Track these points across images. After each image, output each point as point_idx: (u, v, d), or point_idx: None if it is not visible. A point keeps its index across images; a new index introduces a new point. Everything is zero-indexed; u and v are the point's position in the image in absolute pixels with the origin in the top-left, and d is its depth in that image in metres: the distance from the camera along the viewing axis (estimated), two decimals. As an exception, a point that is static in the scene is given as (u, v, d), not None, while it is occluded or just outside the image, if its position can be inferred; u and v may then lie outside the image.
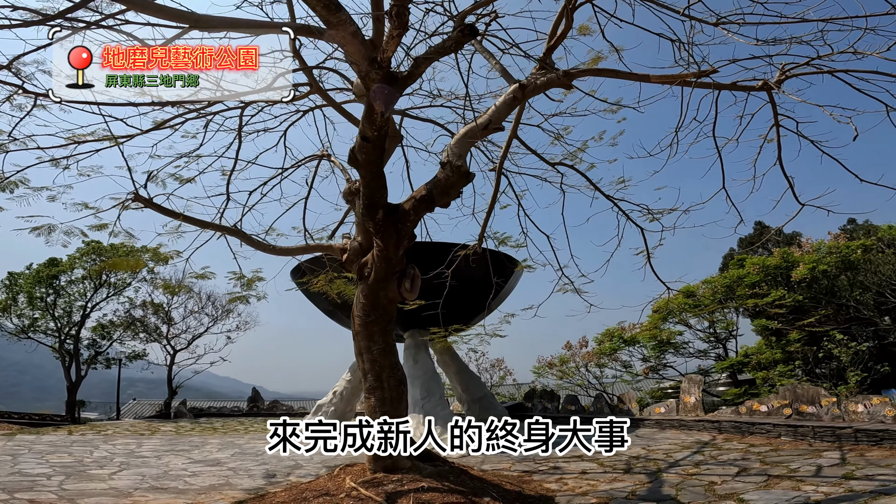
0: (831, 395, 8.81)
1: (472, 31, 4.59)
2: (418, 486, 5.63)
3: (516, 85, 6.02)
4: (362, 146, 4.94)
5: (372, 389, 6.16)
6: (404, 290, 6.16)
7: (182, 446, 11.63)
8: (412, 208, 5.72)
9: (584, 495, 6.23)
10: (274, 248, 6.49)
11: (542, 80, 6.04)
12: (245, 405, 22.08)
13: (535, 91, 6.14)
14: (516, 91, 5.98)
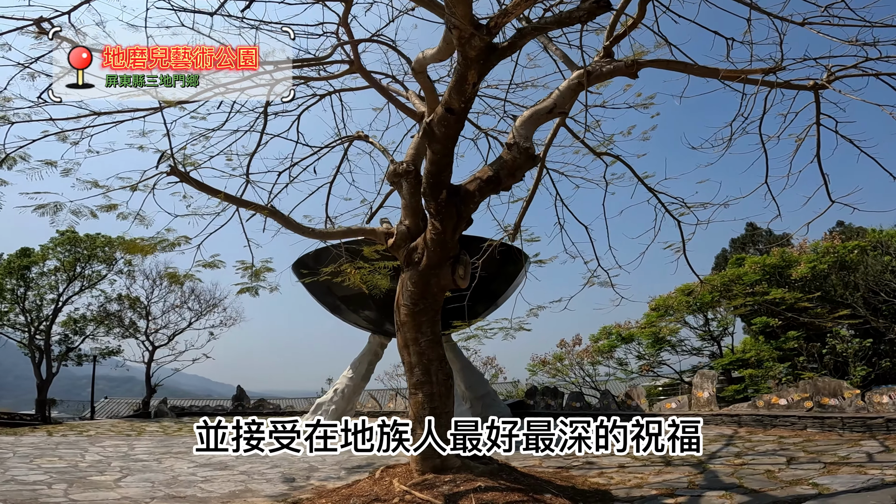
0: (854, 388, 8.88)
1: (606, 4, 4.22)
2: (475, 485, 5.29)
3: (582, 70, 5.78)
4: (444, 118, 4.59)
5: (420, 384, 5.78)
6: (458, 277, 5.80)
7: (178, 448, 10.94)
8: (477, 189, 5.36)
9: (639, 487, 6.03)
10: (313, 232, 6.02)
11: (609, 68, 5.80)
12: (230, 404, 21.21)
13: (600, 78, 5.92)
14: (581, 76, 5.73)
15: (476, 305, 12.73)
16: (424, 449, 5.64)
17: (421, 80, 5.92)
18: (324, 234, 6.15)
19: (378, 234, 6.19)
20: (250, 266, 9.48)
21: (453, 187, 5.39)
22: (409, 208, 6.10)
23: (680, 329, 17.01)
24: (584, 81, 5.81)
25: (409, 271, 5.90)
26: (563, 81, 5.89)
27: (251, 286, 9.67)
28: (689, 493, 5.54)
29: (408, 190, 6.09)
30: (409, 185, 6.11)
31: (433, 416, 5.70)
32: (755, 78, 5.89)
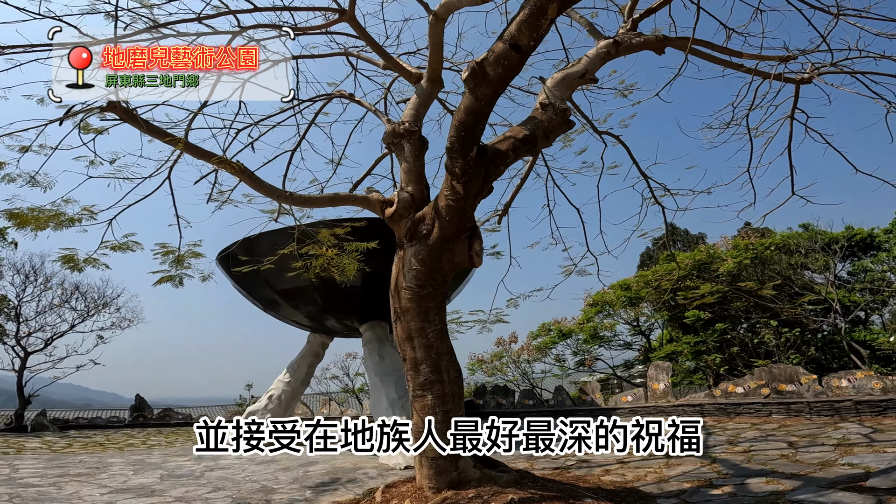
0: (810, 374, 9.22)
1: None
2: (506, 499, 4.45)
3: (611, 40, 5.45)
4: (504, 57, 3.73)
5: (428, 384, 4.84)
6: (474, 254, 4.91)
7: (77, 469, 8.89)
8: (511, 149, 4.55)
9: (664, 482, 5.65)
10: (292, 196, 4.81)
11: (638, 41, 5.61)
12: (127, 414, 18.30)
13: (629, 49, 5.67)
14: (610, 46, 5.41)
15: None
16: (440, 462, 4.69)
17: (435, 31, 5.02)
18: (305, 199, 4.96)
19: (372, 203, 5.12)
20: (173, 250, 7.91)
21: (482, 146, 4.51)
22: (412, 173, 5.12)
23: (618, 324, 17.36)
24: (613, 51, 5.45)
25: (415, 246, 4.91)
26: (592, 49, 5.47)
27: (173, 275, 8.08)
28: (728, 482, 5.30)
29: (411, 152, 5.15)
30: (411, 146, 5.18)
31: (448, 422, 4.77)
32: (757, 69, 6.00)
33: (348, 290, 10.45)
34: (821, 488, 4.65)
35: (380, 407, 9.56)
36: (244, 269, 8.35)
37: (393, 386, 9.75)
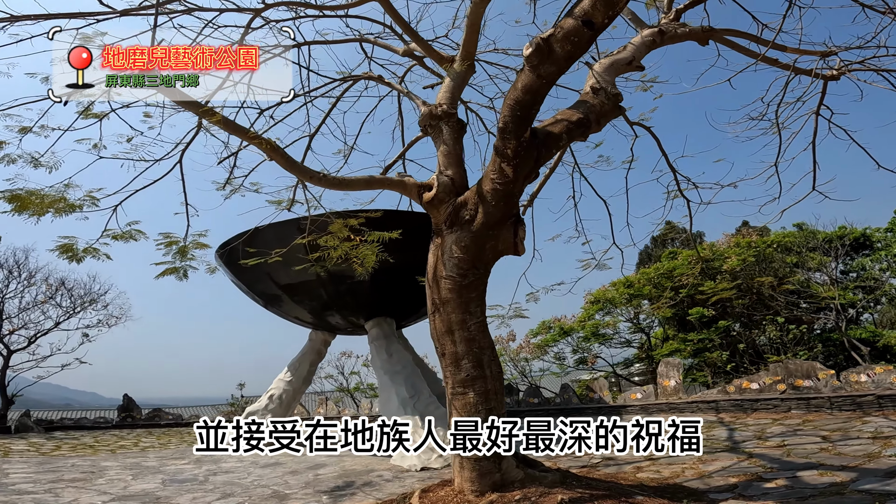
0: (828, 369, 9.14)
1: None
2: (556, 500, 4.18)
3: (655, 29, 5.33)
4: (575, 33, 3.49)
5: (470, 380, 4.53)
6: (519, 242, 4.63)
7: (70, 473, 8.39)
8: (565, 132, 4.34)
9: (707, 477, 5.49)
10: (325, 178, 4.46)
11: (683, 31, 5.50)
12: (114, 415, 17.63)
13: (673, 39, 5.60)
14: (655, 35, 5.30)
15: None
16: (483, 463, 4.39)
17: (476, 11, 4.77)
18: (339, 181, 4.62)
19: (408, 187, 4.80)
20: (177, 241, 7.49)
21: (532, 129, 4.26)
22: (451, 155, 4.84)
23: (620, 322, 17.25)
24: (658, 40, 5.30)
25: (456, 233, 4.61)
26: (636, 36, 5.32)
27: (177, 266, 7.66)
28: (776, 475, 5.18)
29: (450, 135, 4.90)
30: (450, 129, 4.92)
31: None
32: (795, 66, 5.95)
33: (355, 285, 10.09)
34: (880, 478, 4.50)
35: (390, 407, 9.22)
36: (250, 262, 7.96)
37: (403, 384, 9.42)
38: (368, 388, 20.33)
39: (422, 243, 6.91)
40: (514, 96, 4.02)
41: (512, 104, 4.04)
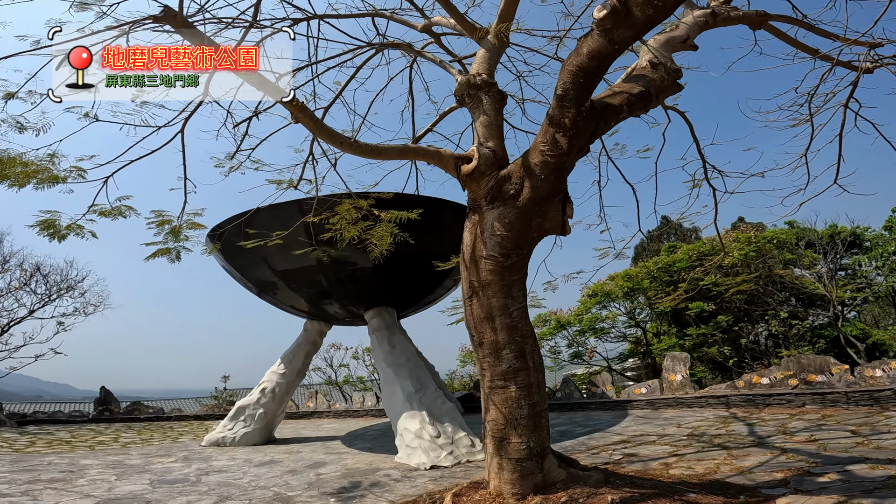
0: (841, 364, 8.98)
1: None
2: (607, 501, 3.79)
3: (709, 10, 5.11)
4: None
5: (513, 372, 4.11)
6: (567, 218, 4.21)
7: (48, 473, 7.74)
8: (625, 104, 4.03)
9: (749, 472, 5.18)
10: (357, 145, 3.96)
11: (737, 14, 5.31)
12: (91, 408, 16.77)
13: (726, 22, 5.40)
14: (708, 16, 5.08)
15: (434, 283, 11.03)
16: (525, 463, 3.98)
17: None
18: (372, 149, 4.12)
19: (445, 158, 4.33)
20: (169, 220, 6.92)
21: (591, 99, 3.87)
22: (492, 127, 4.41)
23: (620, 315, 17.04)
24: (711, 21, 5.01)
25: (498, 209, 4.17)
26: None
27: (170, 248, 7.07)
28: (825, 469, 4.86)
29: (490, 105, 4.49)
30: (490, 99, 4.52)
31: (535, 416, 4.07)
32: (839, 58, 5.84)
33: (356, 272, 9.58)
34: (937, 470, 4.23)
35: (394, 401, 8.74)
36: (249, 245, 7.39)
37: (408, 378, 8.95)
38: (358, 382, 19.82)
39: (426, 229, 6.49)
40: (578, 62, 3.65)
41: (574, 70, 3.66)
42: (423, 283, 10.61)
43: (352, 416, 15.40)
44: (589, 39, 3.58)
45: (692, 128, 6.70)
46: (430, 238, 8.87)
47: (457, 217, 10.18)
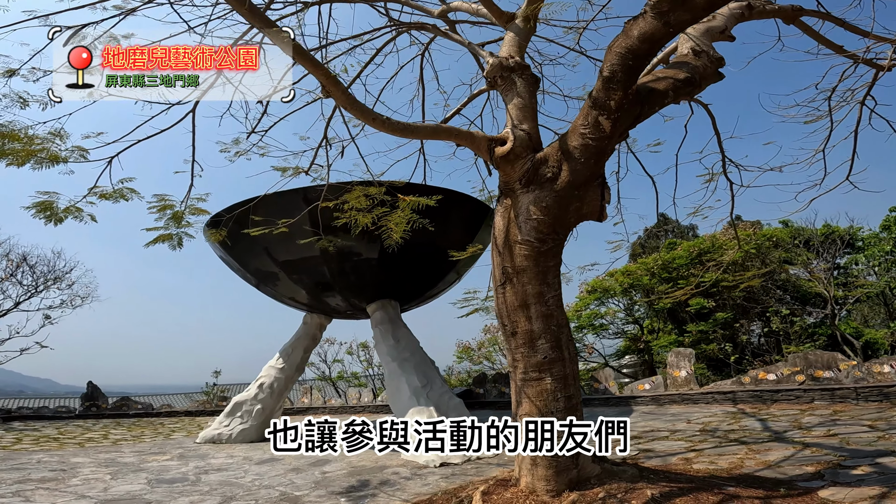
0: (849, 360, 8.97)
1: None
2: (645, 497, 3.63)
3: (745, 2, 4.99)
4: None
5: (548, 363, 3.93)
6: (605, 204, 4.04)
7: (39, 472, 7.39)
8: (671, 89, 3.99)
9: (777, 466, 5.12)
10: (388, 123, 3.73)
11: (772, 7, 5.23)
12: (78, 404, 16.28)
13: (761, 15, 5.31)
14: (744, 8, 4.98)
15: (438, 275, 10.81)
16: (561, 459, 3.80)
17: None
18: (404, 127, 3.91)
19: (477, 139, 4.12)
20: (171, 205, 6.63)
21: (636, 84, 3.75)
22: (527, 109, 4.26)
23: (619, 311, 16.99)
24: (746, 13, 4.93)
25: (534, 192, 3.98)
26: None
27: (172, 233, 6.78)
28: (856, 462, 4.76)
29: (524, 87, 4.35)
30: (524, 81, 4.39)
31: (571, 410, 3.90)
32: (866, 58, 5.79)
33: (360, 263, 9.33)
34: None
35: (400, 397, 8.52)
36: (253, 232, 7.11)
37: (414, 372, 8.73)
38: (352, 377, 19.56)
39: (434, 220, 6.30)
40: (628, 44, 3.56)
41: (623, 52, 3.56)
42: (428, 276, 10.41)
43: (348, 411, 15.13)
44: (641, 22, 3.45)
45: (714, 120, 6.57)
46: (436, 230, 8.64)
47: (464, 210, 10.01)
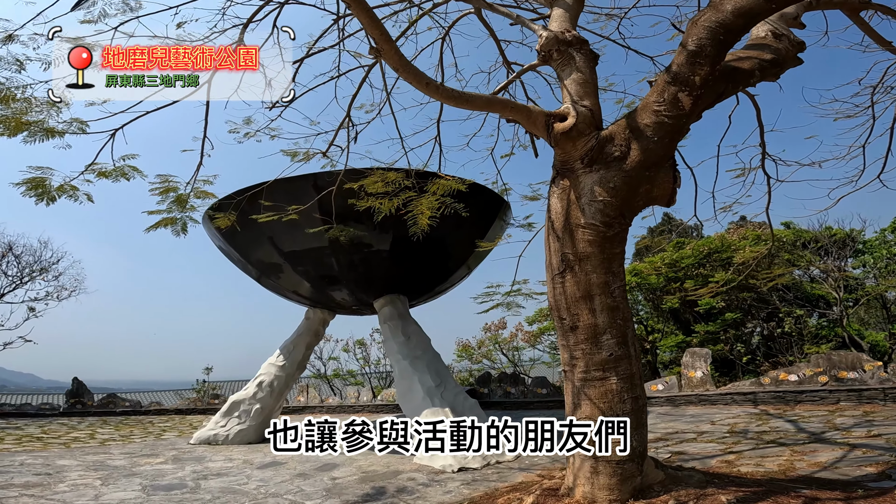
0: (874, 360, 8.74)
1: None
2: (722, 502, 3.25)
3: None
4: None
5: (614, 361, 3.52)
6: (676, 188, 3.65)
7: (23, 476, 6.82)
8: (757, 69, 3.75)
9: (832, 468, 4.77)
10: (444, 89, 3.30)
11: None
12: (62, 400, 15.55)
13: (826, 5, 5.04)
14: None
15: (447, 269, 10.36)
16: (627, 465, 3.40)
17: None
18: (459, 95, 3.48)
19: (534, 114, 3.71)
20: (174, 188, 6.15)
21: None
22: (588, 84, 3.91)
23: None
24: (814, 2, 4.58)
25: (598, 172, 3.57)
26: None
27: (176, 218, 6.28)
28: None
29: (584, 63, 4.00)
30: (584, 56, 4.01)
31: (638, 412, 3.51)
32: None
33: (371, 255, 8.86)
34: None
35: (413, 397, 8.06)
36: (261, 219, 6.62)
37: (426, 371, 8.28)
38: (349, 376, 19.05)
39: (450, 213, 5.92)
40: (719, 18, 3.33)
41: (714, 26, 3.33)
42: (439, 270, 9.97)
43: (346, 411, 14.64)
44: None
45: (759, 111, 6.24)
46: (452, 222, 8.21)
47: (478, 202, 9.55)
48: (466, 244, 9.90)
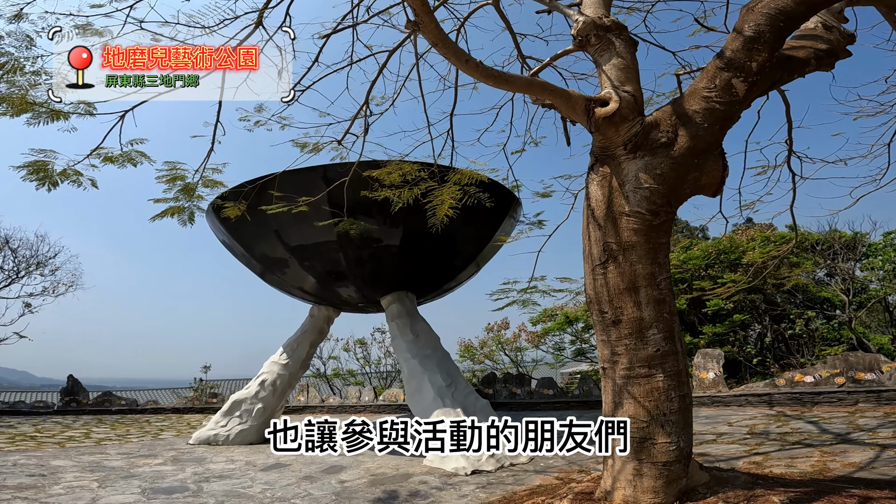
0: (892, 361, 8.58)
1: None
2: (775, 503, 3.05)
3: None
4: None
5: (661, 357, 3.31)
6: (725, 176, 3.46)
7: (16, 477, 6.54)
8: (813, 57, 3.67)
9: (870, 468, 4.61)
10: (483, 68, 3.10)
11: None
12: (56, 398, 15.20)
13: (864, 1, 4.58)
14: None
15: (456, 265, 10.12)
16: (673, 467, 3.19)
17: None
18: (498, 75, 3.28)
19: (574, 98, 3.51)
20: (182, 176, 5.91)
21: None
22: (630, 70, 3.76)
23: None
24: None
25: (643, 158, 3.38)
26: None
27: (183, 206, 6.04)
28: None
29: (625, 48, 3.85)
30: (623, 42, 3.83)
31: (685, 411, 3.30)
32: None
33: (380, 250, 8.62)
34: None
35: (423, 396, 7.82)
36: (270, 210, 6.38)
37: (437, 370, 8.05)
38: (349, 375, 18.77)
39: (462, 208, 5.71)
40: (779, 5, 3.22)
41: (773, 12, 3.22)
42: (448, 267, 9.74)
43: (347, 411, 14.37)
44: None
45: (788, 107, 6.06)
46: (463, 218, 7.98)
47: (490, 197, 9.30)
48: (476, 241, 9.68)
